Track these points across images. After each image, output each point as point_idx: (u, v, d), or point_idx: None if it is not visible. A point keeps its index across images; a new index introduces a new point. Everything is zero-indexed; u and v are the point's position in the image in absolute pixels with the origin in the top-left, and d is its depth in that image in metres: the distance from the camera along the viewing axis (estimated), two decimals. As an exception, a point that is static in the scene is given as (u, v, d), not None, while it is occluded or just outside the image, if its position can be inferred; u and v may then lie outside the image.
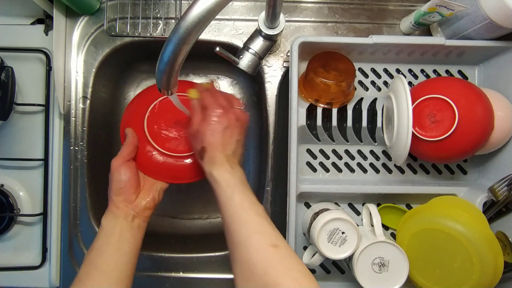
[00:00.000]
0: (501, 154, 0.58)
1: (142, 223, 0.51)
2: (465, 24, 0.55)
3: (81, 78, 0.64)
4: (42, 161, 0.64)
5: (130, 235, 0.49)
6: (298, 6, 0.65)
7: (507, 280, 0.53)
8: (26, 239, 0.65)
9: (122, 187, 0.50)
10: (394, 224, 0.61)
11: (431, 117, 0.52)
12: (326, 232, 0.52)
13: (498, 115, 0.53)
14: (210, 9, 0.33)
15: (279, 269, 0.37)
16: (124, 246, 0.48)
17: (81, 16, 0.64)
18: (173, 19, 0.65)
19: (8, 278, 0.64)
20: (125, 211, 0.49)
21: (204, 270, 0.65)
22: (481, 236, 0.49)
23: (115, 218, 0.49)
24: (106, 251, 0.47)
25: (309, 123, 0.61)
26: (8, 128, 0.65)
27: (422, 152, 0.56)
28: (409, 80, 0.62)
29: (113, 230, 0.48)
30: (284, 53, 0.65)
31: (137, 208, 0.50)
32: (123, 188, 0.50)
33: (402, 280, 0.51)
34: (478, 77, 0.62)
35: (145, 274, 0.64)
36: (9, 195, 0.64)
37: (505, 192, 0.53)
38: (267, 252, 0.39)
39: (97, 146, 0.67)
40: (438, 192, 0.58)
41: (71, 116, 0.64)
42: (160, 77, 0.39)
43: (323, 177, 0.62)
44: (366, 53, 0.60)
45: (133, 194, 0.51)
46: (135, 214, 0.50)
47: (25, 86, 0.64)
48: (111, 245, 0.47)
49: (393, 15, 0.65)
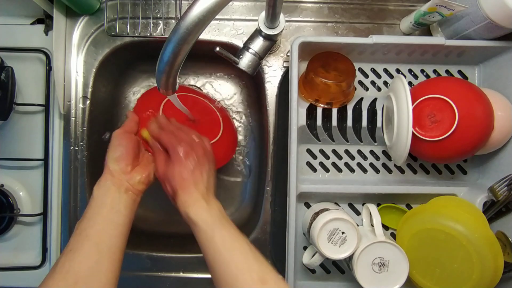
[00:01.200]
0: (501, 154, 0.58)
1: (135, 196, 0.50)
2: (465, 24, 0.55)
3: (81, 78, 0.64)
4: (42, 161, 0.64)
5: (122, 207, 0.48)
6: (298, 6, 0.65)
7: (507, 280, 0.53)
8: (26, 239, 0.65)
9: (120, 155, 0.50)
10: (394, 224, 0.61)
11: (431, 117, 0.52)
12: (326, 232, 0.52)
13: (498, 115, 0.53)
14: (210, 9, 0.33)
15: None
16: (116, 217, 0.47)
17: (81, 16, 0.64)
18: (173, 19, 0.65)
19: (8, 278, 0.64)
20: (119, 181, 0.49)
21: (204, 270, 0.65)
22: (481, 236, 0.49)
23: (107, 188, 0.48)
24: (97, 222, 0.46)
25: (309, 123, 0.61)
26: (8, 128, 0.65)
27: (422, 152, 0.56)
28: (409, 80, 0.62)
29: (105, 201, 0.47)
30: (284, 53, 0.65)
31: (132, 180, 0.49)
32: (121, 156, 0.50)
33: (402, 280, 0.51)
34: (478, 77, 0.62)
35: (145, 274, 0.64)
36: (9, 195, 0.64)
37: (505, 192, 0.53)
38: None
39: (97, 146, 0.67)
40: (438, 192, 0.58)
41: (71, 116, 0.64)
42: (160, 77, 0.39)
43: (323, 177, 0.62)
44: (366, 53, 0.60)
45: (130, 165, 0.50)
46: (129, 187, 0.49)
47: (25, 86, 0.64)
48: (102, 216, 0.46)
49: (393, 15, 0.65)
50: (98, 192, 0.48)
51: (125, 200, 0.48)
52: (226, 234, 0.43)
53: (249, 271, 0.40)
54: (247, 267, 0.40)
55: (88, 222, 0.46)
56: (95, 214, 0.47)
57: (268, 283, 0.38)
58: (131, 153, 0.51)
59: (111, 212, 0.47)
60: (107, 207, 0.47)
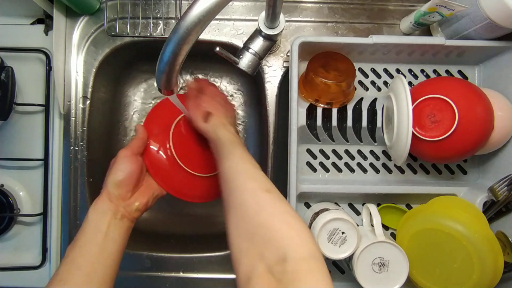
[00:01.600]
0: (501, 154, 0.58)
1: (130, 223, 0.49)
2: (465, 24, 0.55)
3: (81, 78, 0.64)
4: (42, 161, 0.64)
5: (117, 235, 0.47)
6: (298, 6, 0.65)
7: (507, 280, 0.53)
8: (26, 239, 0.65)
9: (122, 180, 0.48)
10: (394, 224, 0.61)
11: (431, 117, 0.52)
12: (326, 232, 0.52)
13: (498, 115, 0.53)
14: (210, 9, 0.33)
15: (270, 211, 0.38)
16: (110, 246, 0.46)
17: (81, 16, 0.64)
18: (173, 19, 0.65)
19: (8, 278, 0.64)
20: (116, 207, 0.47)
21: (204, 270, 0.65)
22: (481, 236, 0.49)
23: (104, 213, 0.46)
24: (91, 251, 0.44)
25: (309, 123, 0.61)
26: (8, 128, 0.65)
27: (422, 152, 0.56)
28: (409, 80, 0.62)
29: (100, 227, 0.46)
30: (284, 53, 0.65)
31: (129, 207, 0.49)
32: (122, 181, 0.48)
33: (402, 280, 0.51)
34: (478, 77, 0.62)
35: (145, 274, 0.64)
36: (9, 195, 0.64)
37: (505, 192, 0.53)
38: (260, 195, 0.39)
39: (97, 146, 0.67)
40: (438, 192, 0.58)
41: (71, 116, 0.64)
42: (160, 77, 0.39)
43: (323, 177, 0.62)
44: (366, 53, 0.60)
45: (130, 191, 0.49)
46: (125, 213, 0.48)
47: (25, 86, 0.64)
48: (96, 244, 0.45)
49: (393, 15, 0.65)
50: (93, 216, 0.46)
51: (120, 227, 0.47)
52: (244, 153, 0.46)
53: (257, 180, 0.42)
54: (256, 178, 0.42)
55: (80, 251, 0.44)
56: (88, 242, 0.45)
57: (272, 192, 0.40)
58: (134, 179, 0.49)
59: (105, 240, 0.45)
60: (101, 234, 0.45)
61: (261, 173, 0.43)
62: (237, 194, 0.41)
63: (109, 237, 0.46)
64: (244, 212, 0.38)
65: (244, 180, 0.41)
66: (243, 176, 0.42)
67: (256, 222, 0.37)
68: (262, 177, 0.42)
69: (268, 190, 0.40)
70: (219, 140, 0.47)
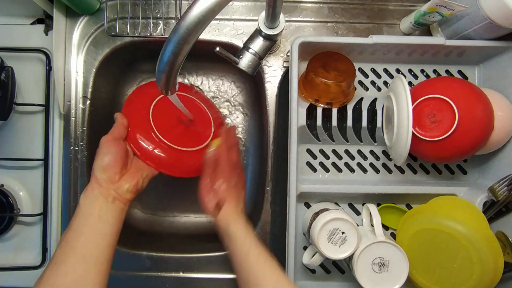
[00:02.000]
0: (501, 154, 0.58)
1: (123, 205, 0.49)
2: (465, 24, 0.55)
3: (81, 78, 0.64)
4: (42, 161, 0.64)
5: (110, 216, 0.47)
6: (298, 6, 0.65)
7: (507, 280, 0.53)
8: (26, 239, 0.65)
9: (108, 163, 0.48)
10: (394, 224, 0.61)
11: (431, 117, 0.52)
12: (326, 232, 0.52)
13: (498, 115, 0.53)
14: (210, 9, 0.33)
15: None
16: (103, 228, 0.46)
17: (81, 16, 0.64)
18: (173, 19, 0.65)
19: (8, 278, 0.64)
20: (107, 191, 0.48)
21: (204, 270, 0.65)
22: (481, 236, 0.49)
23: (95, 198, 0.47)
24: (84, 233, 0.45)
25: (309, 123, 0.61)
26: (8, 128, 0.65)
27: (422, 152, 0.56)
28: (409, 80, 0.62)
29: (92, 211, 0.46)
30: (284, 53, 0.65)
31: (119, 189, 0.49)
32: (108, 164, 0.48)
33: (402, 280, 0.51)
34: (478, 77, 0.62)
35: (145, 274, 0.64)
36: (9, 195, 0.64)
37: (505, 192, 0.53)
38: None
39: (97, 146, 0.66)
40: (438, 192, 0.58)
41: (71, 116, 0.64)
42: (160, 77, 0.39)
43: (323, 177, 0.62)
44: (366, 53, 0.60)
45: (118, 173, 0.49)
46: (116, 196, 0.48)
47: (25, 86, 0.64)
48: (90, 227, 0.45)
49: (393, 15, 0.65)
50: (85, 202, 0.47)
51: (113, 209, 0.48)
52: (261, 253, 0.48)
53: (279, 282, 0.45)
54: (278, 284, 0.45)
55: (74, 233, 0.45)
56: (82, 224, 0.46)
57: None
58: (120, 161, 0.50)
59: (99, 223, 0.46)
60: (94, 217, 0.46)
61: (282, 276, 0.46)
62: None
63: (102, 220, 0.46)
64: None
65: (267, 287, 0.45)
66: (264, 282, 0.45)
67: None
68: (284, 281, 0.46)
69: (290, 283, 0.45)
70: (231, 240, 0.49)
